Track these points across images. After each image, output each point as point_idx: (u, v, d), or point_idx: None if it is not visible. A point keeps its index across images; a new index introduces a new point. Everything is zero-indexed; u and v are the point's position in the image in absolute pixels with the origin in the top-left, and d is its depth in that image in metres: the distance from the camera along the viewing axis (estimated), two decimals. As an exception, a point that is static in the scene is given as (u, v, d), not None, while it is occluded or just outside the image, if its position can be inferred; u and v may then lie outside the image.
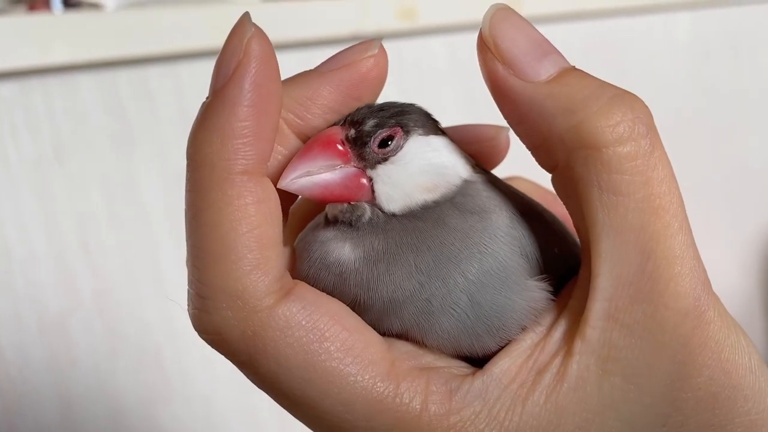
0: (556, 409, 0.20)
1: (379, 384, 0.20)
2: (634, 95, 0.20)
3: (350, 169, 0.23)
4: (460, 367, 0.22)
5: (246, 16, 0.21)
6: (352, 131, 0.23)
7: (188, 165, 0.21)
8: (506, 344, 0.21)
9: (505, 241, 0.22)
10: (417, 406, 0.20)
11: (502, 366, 0.21)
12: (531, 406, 0.20)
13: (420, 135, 0.24)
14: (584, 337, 0.20)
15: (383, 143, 0.23)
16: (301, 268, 0.23)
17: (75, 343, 0.49)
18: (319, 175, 0.22)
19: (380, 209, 0.23)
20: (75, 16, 0.46)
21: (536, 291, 0.22)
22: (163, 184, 0.51)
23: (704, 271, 0.20)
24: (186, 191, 0.21)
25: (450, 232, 0.22)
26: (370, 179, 0.23)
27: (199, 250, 0.20)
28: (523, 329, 0.22)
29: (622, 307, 0.20)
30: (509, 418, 0.20)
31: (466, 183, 0.24)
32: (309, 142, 0.23)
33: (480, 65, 0.21)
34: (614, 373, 0.20)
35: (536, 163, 0.24)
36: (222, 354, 0.21)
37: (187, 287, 0.21)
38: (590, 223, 0.20)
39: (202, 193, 0.20)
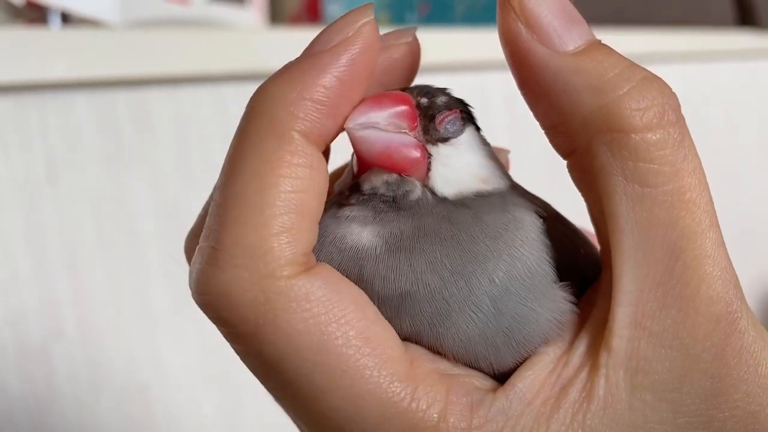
0: (584, 430, 0.18)
1: (395, 384, 0.18)
2: (663, 80, 0.19)
3: (413, 139, 0.21)
4: (481, 379, 0.20)
5: (371, 6, 0.20)
6: (424, 100, 0.21)
7: (248, 112, 0.19)
8: (525, 359, 0.20)
9: (536, 246, 0.20)
10: (435, 415, 0.18)
11: (525, 381, 0.19)
12: (556, 425, 0.18)
13: (475, 129, 0.23)
14: (610, 348, 0.18)
15: (447, 122, 0.22)
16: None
17: (56, 373, 0.46)
18: (387, 132, 0.20)
19: (431, 191, 0.21)
20: (75, 33, 0.44)
21: (562, 302, 0.20)
22: (156, 212, 0.49)
23: (735, 274, 0.18)
24: (235, 136, 0.19)
25: (482, 228, 0.20)
26: (429, 156, 0.21)
27: (231, 198, 0.18)
28: (545, 343, 0.20)
29: (649, 313, 0.18)
30: None
31: (509, 186, 0.23)
32: (379, 94, 0.21)
33: (499, 25, 0.19)
34: (644, 387, 0.18)
35: (536, 182, 0.23)
36: (219, 322, 0.19)
37: (201, 240, 0.19)
38: (611, 216, 0.19)
39: (255, 140, 0.19)
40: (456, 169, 0.21)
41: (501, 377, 0.20)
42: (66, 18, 0.49)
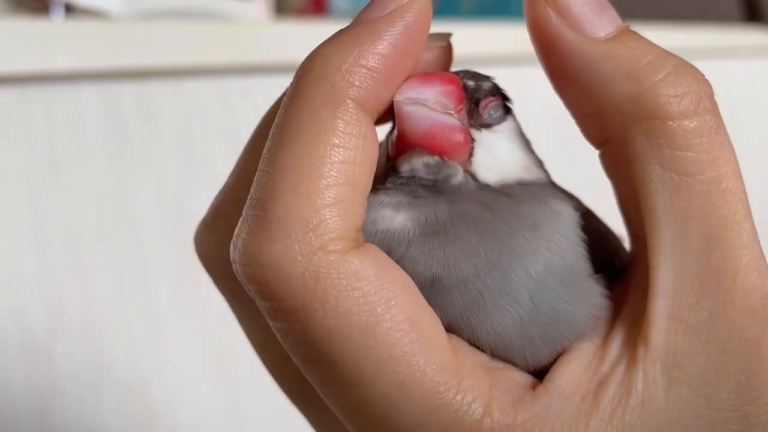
0: (623, 428, 0.18)
1: (441, 374, 0.17)
2: (695, 67, 0.19)
3: (458, 122, 0.20)
4: (520, 374, 0.19)
5: None
6: (471, 83, 0.21)
7: (301, 77, 0.18)
8: (560, 355, 0.19)
9: (573, 240, 0.20)
10: (479, 409, 0.17)
11: (564, 377, 0.18)
12: (596, 423, 0.18)
13: (516, 120, 0.22)
14: (647, 341, 0.18)
15: (491, 108, 0.21)
16: None
17: (58, 369, 0.46)
18: (434, 111, 0.19)
19: (473, 177, 0.20)
20: (78, 24, 0.44)
21: (597, 297, 0.20)
22: (159, 208, 0.49)
23: None
24: (287, 101, 0.18)
25: (521, 219, 0.19)
26: (472, 141, 0.21)
27: (282, 166, 0.17)
28: (580, 338, 0.19)
29: (686, 305, 0.18)
30: None
31: (548, 178, 0.22)
32: (427, 72, 0.20)
33: (527, 11, 0.19)
34: (681, 382, 0.18)
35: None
36: (263, 296, 0.18)
37: (243, 212, 0.18)
38: (647, 207, 0.18)
39: (310, 107, 0.18)
40: (498, 156, 0.21)
41: (535, 373, 0.19)
42: (69, 9, 0.48)
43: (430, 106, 0.19)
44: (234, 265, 0.18)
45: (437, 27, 0.22)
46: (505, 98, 0.22)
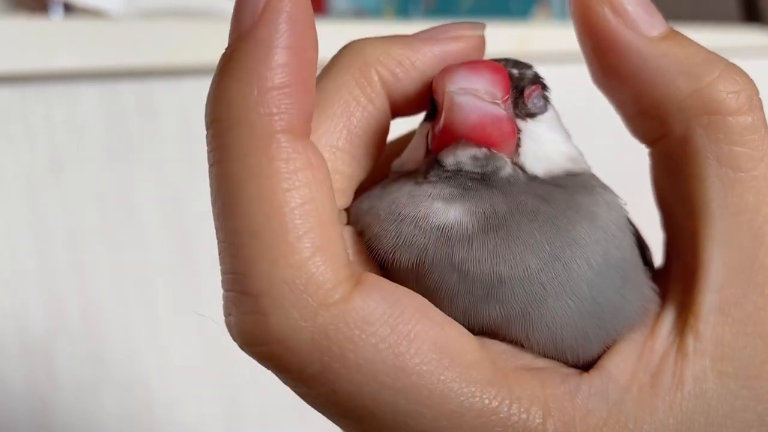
0: (684, 420, 0.18)
1: (488, 390, 0.17)
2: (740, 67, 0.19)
3: (505, 112, 0.19)
4: (566, 369, 0.19)
5: None
6: (515, 71, 0.20)
7: (214, 129, 0.17)
8: (609, 347, 0.19)
9: (627, 232, 0.20)
10: (539, 413, 0.17)
11: (616, 365, 0.18)
12: (659, 414, 0.18)
13: (555, 109, 0.22)
14: (697, 334, 0.18)
15: (535, 97, 0.21)
16: (384, 231, 0.19)
17: (58, 368, 0.46)
18: (483, 102, 0.18)
19: (521, 168, 0.20)
20: (78, 23, 0.44)
21: (647, 289, 0.20)
22: (159, 208, 0.49)
23: None
24: (213, 163, 0.17)
25: (578, 210, 0.19)
26: (518, 131, 0.20)
27: (240, 235, 0.16)
28: (630, 330, 0.19)
29: (733, 300, 0.18)
30: (639, 429, 0.17)
31: (590, 169, 0.22)
32: (474, 61, 0.20)
33: (576, 10, 0.19)
34: (729, 375, 0.18)
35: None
36: (281, 371, 0.16)
37: (223, 290, 0.17)
38: (701, 202, 0.19)
39: (239, 161, 0.16)
40: (545, 146, 0.20)
41: (582, 367, 0.19)
42: (68, 8, 0.48)
43: (480, 96, 0.18)
44: (241, 347, 0.17)
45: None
46: (544, 87, 0.22)
